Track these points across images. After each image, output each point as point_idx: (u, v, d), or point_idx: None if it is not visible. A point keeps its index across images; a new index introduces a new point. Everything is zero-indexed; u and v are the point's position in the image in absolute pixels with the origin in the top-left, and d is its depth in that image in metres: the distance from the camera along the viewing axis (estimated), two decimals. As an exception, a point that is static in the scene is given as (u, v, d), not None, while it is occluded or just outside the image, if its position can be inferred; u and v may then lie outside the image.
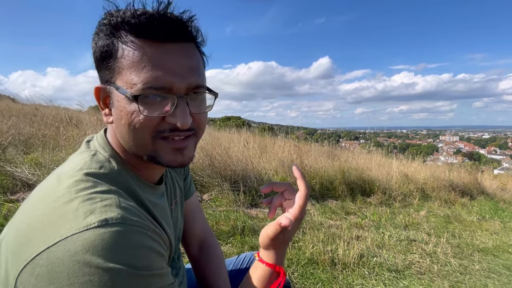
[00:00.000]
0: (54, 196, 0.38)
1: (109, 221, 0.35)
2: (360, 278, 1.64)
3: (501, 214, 3.90)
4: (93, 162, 0.44)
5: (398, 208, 3.43)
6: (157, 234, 0.41)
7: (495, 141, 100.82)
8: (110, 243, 0.34)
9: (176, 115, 0.43)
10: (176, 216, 0.65)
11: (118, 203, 0.39)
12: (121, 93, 0.41)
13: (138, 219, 0.39)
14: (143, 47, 0.41)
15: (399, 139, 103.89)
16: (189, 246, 0.80)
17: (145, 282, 0.36)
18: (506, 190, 6.05)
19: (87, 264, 0.32)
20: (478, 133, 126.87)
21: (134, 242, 0.36)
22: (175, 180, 0.67)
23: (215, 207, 2.42)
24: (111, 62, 0.42)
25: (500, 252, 2.46)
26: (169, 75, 0.41)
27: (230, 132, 5.11)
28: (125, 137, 0.44)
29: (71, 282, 0.32)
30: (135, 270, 0.35)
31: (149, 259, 0.37)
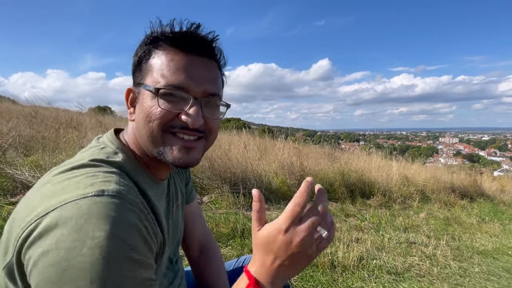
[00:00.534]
0: (60, 177, 0.42)
1: (105, 192, 0.38)
2: (359, 281, 1.64)
3: (500, 216, 3.90)
4: (101, 153, 0.48)
5: (398, 210, 3.43)
6: (149, 223, 0.41)
7: (495, 143, 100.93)
8: (102, 211, 0.36)
9: (189, 114, 0.48)
10: (177, 219, 0.66)
11: (117, 181, 0.42)
12: (146, 89, 0.47)
13: (133, 199, 0.41)
14: (173, 54, 0.48)
15: (399, 140, 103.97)
16: (189, 249, 0.81)
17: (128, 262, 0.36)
18: (506, 192, 6.05)
19: (76, 230, 0.34)
20: (478, 135, 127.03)
21: (125, 217, 0.38)
22: (178, 185, 0.69)
23: (215, 210, 2.42)
24: (143, 65, 0.50)
25: (499, 255, 2.46)
26: (189, 79, 0.48)
27: (230, 134, 5.12)
28: (141, 130, 0.49)
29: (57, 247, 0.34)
30: (121, 245, 0.36)
31: (135, 239, 0.38)
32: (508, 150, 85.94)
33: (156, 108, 0.47)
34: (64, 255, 0.33)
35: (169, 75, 0.47)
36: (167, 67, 0.47)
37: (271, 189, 3.12)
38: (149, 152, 0.50)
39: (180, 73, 0.47)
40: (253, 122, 11.10)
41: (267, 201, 2.89)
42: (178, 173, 0.72)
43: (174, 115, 0.47)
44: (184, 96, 0.47)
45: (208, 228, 0.88)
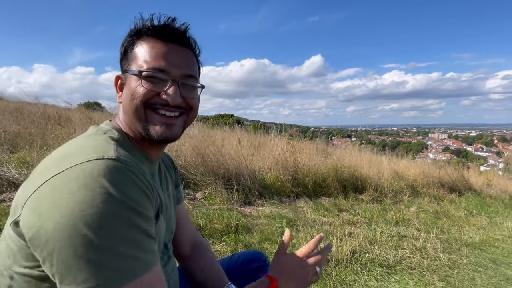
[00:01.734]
0: (63, 149, 0.49)
1: (105, 156, 0.44)
2: (352, 274, 1.67)
3: (487, 210, 4.02)
4: (98, 131, 0.55)
5: (389, 204, 3.49)
6: (147, 182, 0.47)
7: (482, 139, 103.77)
8: (106, 171, 0.41)
9: (169, 93, 0.55)
10: (170, 206, 0.68)
11: (115, 148, 0.47)
12: (131, 73, 0.54)
13: (132, 163, 0.46)
14: (153, 43, 0.55)
15: (390, 136, 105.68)
16: (181, 246, 0.81)
17: (130, 215, 0.41)
18: (492, 186, 6.23)
19: (85, 187, 0.39)
20: (466, 131, 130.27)
21: (126, 176, 0.43)
22: (167, 176, 0.72)
23: (208, 206, 2.41)
24: (129, 54, 0.57)
25: (486, 246, 2.53)
26: (168, 63, 0.55)
27: (223, 130, 5.08)
28: (127, 108, 0.55)
29: (68, 201, 0.38)
30: (127, 199, 0.41)
31: (139, 196, 0.44)
32: (494, 146, 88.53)
33: (140, 88, 0.54)
34: (77, 207, 0.38)
35: (150, 60, 0.54)
36: (149, 54, 0.54)
37: (265, 185, 3.12)
38: (136, 129, 0.56)
39: (160, 58, 0.54)
40: (246, 118, 11.17)
41: (260, 196, 2.89)
42: (168, 169, 0.75)
43: (155, 94, 0.54)
44: (164, 78, 0.54)
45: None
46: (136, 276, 0.41)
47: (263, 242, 1.87)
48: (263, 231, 2.03)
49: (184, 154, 3.06)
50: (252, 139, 4.72)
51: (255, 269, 1.01)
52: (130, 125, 0.57)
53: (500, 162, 26.78)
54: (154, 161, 0.62)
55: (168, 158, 0.79)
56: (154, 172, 0.61)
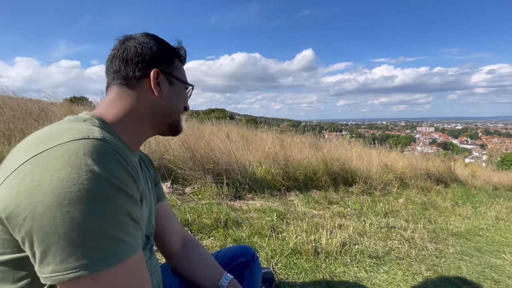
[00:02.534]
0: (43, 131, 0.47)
1: (91, 136, 0.43)
2: (342, 266, 1.67)
3: (472, 200, 4.13)
4: (78, 118, 0.54)
5: (378, 196, 3.53)
6: (132, 163, 0.47)
7: (467, 132, 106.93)
8: (91, 150, 0.40)
9: (188, 103, 0.71)
10: (150, 199, 0.67)
11: (100, 131, 0.47)
12: (181, 81, 0.67)
13: (118, 144, 0.46)
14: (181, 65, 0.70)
15: (379, 130, 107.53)
16: (171, 244, 0.80)
17: (119, 194, 0.41)
18: (476, 177, 6.42)
19: (69, 164, 0.38)
20: (452, 124, 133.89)
21: (113, 156, 0.43)
22: (146, 172, 0.71)
23: (197, 200, 2.36)
24: (174, 61, 0.66)
25: (471, 235, 2.60)
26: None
27: (213, 124, 5.01)
28: (173, 105, 0.65)
29: (51, 178, 0.37)
30: (113, 178, 0.40)
31: (125, 175, 0.43)
32: (479, 138, 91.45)
33: (186, 97, 0.69)
34: (60, 184, 0.36)
35: (185, 77, 0.69)
36: (183, 72, 0.69)
37: (255, 178, 3.09)
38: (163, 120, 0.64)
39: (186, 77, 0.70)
40: (237, 113, 11.07)
41: (251, 190, 2.87)
42: (147, 166, 0.74)
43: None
44: (191, 91, 0.71)
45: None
46: (122, 259, 0.40)
47: (253, 236, 1.85)
48: (253, 225, 2.01)
49: (172, 148, 2.99)
50: (243, 133, 4.67)
51: (243, 264, 0.99)
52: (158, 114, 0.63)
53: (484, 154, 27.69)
54: (135, 153, 0.63)
55: (145, 155, 0.78)
56: (136, 163, 0.60)
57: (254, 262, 0.99)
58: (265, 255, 1.64)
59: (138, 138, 0.63)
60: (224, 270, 0.82)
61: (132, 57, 0.60)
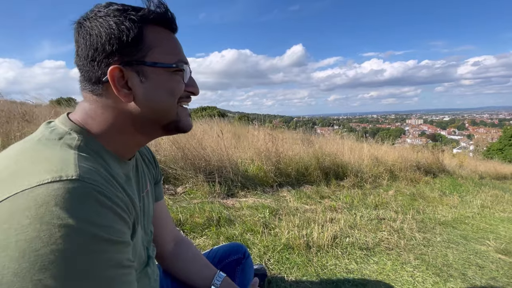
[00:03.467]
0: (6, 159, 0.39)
1: (64, 177, 0.35)
2: (333, 259, 1.70)
3: (459, 189, 4.26)
4: (52, 134, 0.45)
5: (369, 189, 3.60)
6: (120, 199, 0.41)
7: (454, 123, 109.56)
8: (65, 198, 0.33)
9: (193, 84, 0.54)
10: (147, 206, 0.64)
11: (76, 162, 0.38)
12: (160, 66, 0.48)
13: (98, 179, 0.38)
14: (164, 33, 0.50)
15: (370, 124, 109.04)
16: (164, 244, 0.79)
17: (103, 245, 0.35)
18: (463, 167, 6.61)
19: (38, 219, 0.31)
20: (440, 116, 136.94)
21: (92, 200, 0.36)
22: (146, 173, 0.67)
23: (189, 200, 2.36)
24: (139, 42, 0.46)
25: (458, 224, 2.69)
26: (183, 54, 0.52)
27: (203, 123, 4.98)
28: (157, 106, 0.49)
29: (17, 239, 0.31)
30: (93, 228, 0.34)
31: (109, 219, 0.37)
32: (466, 129, 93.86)
33: (179, 83, 0.50)
34: (29, 246, 0.30)
35: (174, 51, 0.50)
36: (168, 44, 0.49)
37: (247, 176, 3.10)
38: (153, 124, 0.51)
39: (179, 49, 0.51)
40: (229, 110, 10.92)
41: (243, 188, 2.88)
42: (147, 165, 0.69)
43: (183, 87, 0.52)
44: (188, 69, 0.52)
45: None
46: None
47: (245, 233, 1.86)
48: (245, 222, 2.03)
49: (163, 148, 2.97)
50: (234, 131, 4.67)
51: (234, 262, 1.00)
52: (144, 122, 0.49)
53: (471, 144, 28.40)
54: (129, 161, 0.55)
55: (149, 153, 0.73)
56: (129, 173, 0.55)
57: (245, 259, 1.00)
58: (257, 251, 1.66)
59: (129, 147, 0.54)
60: (216, 269, 0.82)
61: (87, 52, 0.45)
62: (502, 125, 77.45)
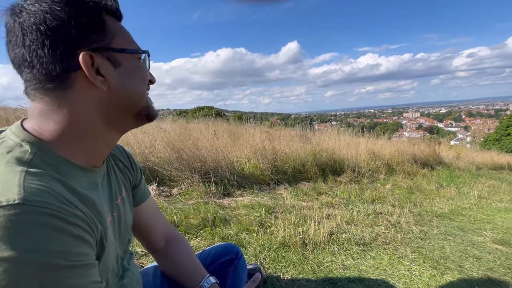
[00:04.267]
0: None
1: (3, 202, 0.31)
2: (330, 255, 1.69)
3: (456, 181, 4.27)
4: (0, 148, 0.40)
5: (366, 184, 3.60)
6: (78, 218, 0.37)
7: (451, 115, 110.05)
8: (5, 227, 0.30)
9: (150, 73, 0.54)
10: (124, 213, 0.61)
11: (20, 182, 0.34)
12: (130, 52, 0.48)
13: (48, 200, 0.35)
14: (115, 21, 0.48)
15: (367, 118, 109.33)
16: (154, 243, 0.78)
17: (56, 273, 0.32)
18: (461, 158, 6.63)
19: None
20: (436, 109, 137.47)
21: (40, 225, 0.32)
22: (120, 179, 0.64)
23: (184, 201, 2.34)
24: (102, 28, 0.45)
25: (455, 215, 2.69)
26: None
27: (200, 123, 4.95)
28: (131, 92, 0.48)
29: None
30: (42, 257, 0.31)
31: (64, 243, 0.34)
32: (463, 121, 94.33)
33: (144, 70, 0.50)
34: None
35: (133, 41, 0.50)
36: (126, 33, 0.49)
37: (244, 175, 3.09)
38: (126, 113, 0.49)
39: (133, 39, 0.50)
40: (226, 109, 10.97)
41: (240, 187, 2.86)
42: (121, 170, 0.66)
43: None
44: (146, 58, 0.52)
45: (169, 222, 0.85)
46: None
47: (241, 232, 1.85)
48: (241, 221, 2.01)
49: (157, 150, 2.94)
50: (231, 130, 4.64)
51: (226, 262, 0.98)
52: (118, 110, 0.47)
53: (468, 135, 28.55)
54: (96, 168, 0.51)
55: (124, 157, 0.68)
56: (96, 182, 0.51)
57: (238, 260, 0.99)
58: (253, 250, 1.65)
59: (96, 150, 0.49)
60: (206, 272, 0.80)
61: (41, 40, 0.39)
62: (498, 115, 77.88)
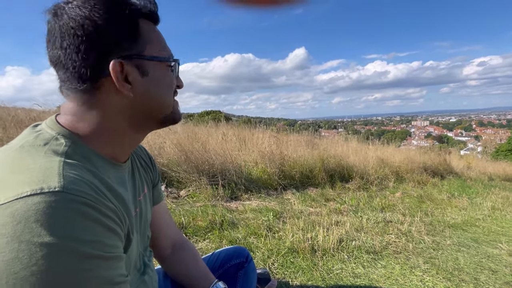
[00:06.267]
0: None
1: (45, 189, 0.32)
2: (340, 263, 1.66)
3: (468, 191, 4.16)
4: (37, 139, 0.41)
5: (375, 191, 3.54)
6: (110, 209, 0.38)
7: (461, 124, 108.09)
8: (46, 213, 0.30)
9: (180, 78, 0.55)
10: (145, 210, 0.62)
11: (60, 171, 0.35)
12: (163, 61, 0.49)
13: (85, 190, 0.35)
14: (152, 26, 0.49)
15: (375, 126, 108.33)
16: (162, 248, 0.77)
17: (89, 263, 0.32)
18: (472, 168, 6.48)
19: (16, 238, 0.29)
20: (446, 117, 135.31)
21: (78, 213, 0.33)
22: (143, 176, 0.64)
23: (192, 203, 2.34)
24: (136, 36, 0.46)
25: (468, 226, 2.61)
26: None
27: (209, 127, 4.99)
28: (157, 100, 0.49)
29: (6, 258, 0.28)
30: (78, 245, 0.31)
31: (97, 234, 0.34)
32: (473, 130, 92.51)
33: (172, 77, 0.51)
34: (7, 268, 0.28)
35: (165, 45, 0.50)
36: (160, 39, 0.50)
37: (251, 179, 3.08)
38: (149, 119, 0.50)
39: (166, 44, 0.51)
40: (233, 114, 10.99)
41: (247, 191, 2.85)
42: (144, 168, 0.67)
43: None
44: (176, 65, 0.53)
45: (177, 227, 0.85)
46: None
47: (249, 236, 1.83)
48: (249, 225, 1.99)
49: (166, 152, 2.96)
50: (239, 134, 4.65)
51: (236, 265, 0.97)
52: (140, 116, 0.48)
53: (479, 145, 27.98)
54: (123, 163, 0.53)
55: (145, 154, 0.70)
56: (124, 177, 0.53)
57: (248, 263, 0.97)
58: (261, 255, 1.63)
59: (123, 148, 0.51)
60: (214, 278, 0.78)
61: (77, 45, 0.40)
62: (511, 125, 76.08)
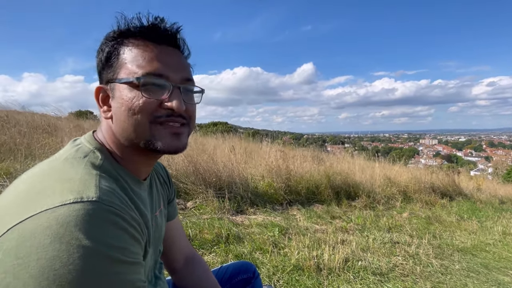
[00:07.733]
0: (33, 177, 0.41)
1: (85, 198, 0.37)
2: (345, 283, 1.64)
3: (478, 214, 4.06)
4: (78, 152, 0.47)
5: (381, 211, 3.49)
6: (135, 220, 0.42)
7: (471, 144, 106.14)
8: (84, 219, 0.35)
9: (172, 100, 0.48)
10: (161, 225, 0.65)
11: (96, 183, 0.40)
12: (123, 82, 0.47)
13: (115, 201, 0.40)
14: (143, 46, 0.48)
15: (382, 143, 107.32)
16: (174, 261, 0.80)
17: (118, 267, 0.36)
18: (482, 190, 6.32)
19: (58, 239, 0.33)
20: (455, 136, 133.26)
21: (110, 222, 0.37)
22: (160, 192, 0.68)
23: (199, 215, 2.36)
24: (114, 61, 0.48)
25: (478, 251, 2.54)
26: (166, 67, 0.48)
27: (215, 138, 5.05)
28: (124, 124, 0.48)
29: (38, 257, 0.32)
30: (109, 250, 0.35)
31: (125, 241, 0.38)
32: (483, 151, 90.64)
33: (139, 99, 0.46)
34: (48, 265, 0.32)
35: (145, 65, 0.47)
36: (142, 58, 0.47)
37: (257, 192, 3.09)
38: (133, 144, 0.49)
39: (156, 62, 0.48)
40: (240, 126, 11.20)
41: (253, 204, 2.86)
42: (161, 184, 0.71)
43: (157, 104, 0.48)
44: (164, 84, 0.48)
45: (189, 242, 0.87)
46: None
47: (254, 251, 1.83)
48: (254, 240, 2.00)
49: (175, 162, 3.01)
50: (246, 147, 4.70)
51: (243, 281, 0.98)
52: (122, 142, 0.50)
53: (489, 166, 27.33)
54: (143, 180, 0.56)
55: (163, 171, 0.74)
56: (144, 193, 0.56)
57: (255, 279, 0.99)
58: (266, 271, 1.62)
59: (140, 165, 0.54)
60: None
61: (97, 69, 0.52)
62: (523, 147, 74.28)
